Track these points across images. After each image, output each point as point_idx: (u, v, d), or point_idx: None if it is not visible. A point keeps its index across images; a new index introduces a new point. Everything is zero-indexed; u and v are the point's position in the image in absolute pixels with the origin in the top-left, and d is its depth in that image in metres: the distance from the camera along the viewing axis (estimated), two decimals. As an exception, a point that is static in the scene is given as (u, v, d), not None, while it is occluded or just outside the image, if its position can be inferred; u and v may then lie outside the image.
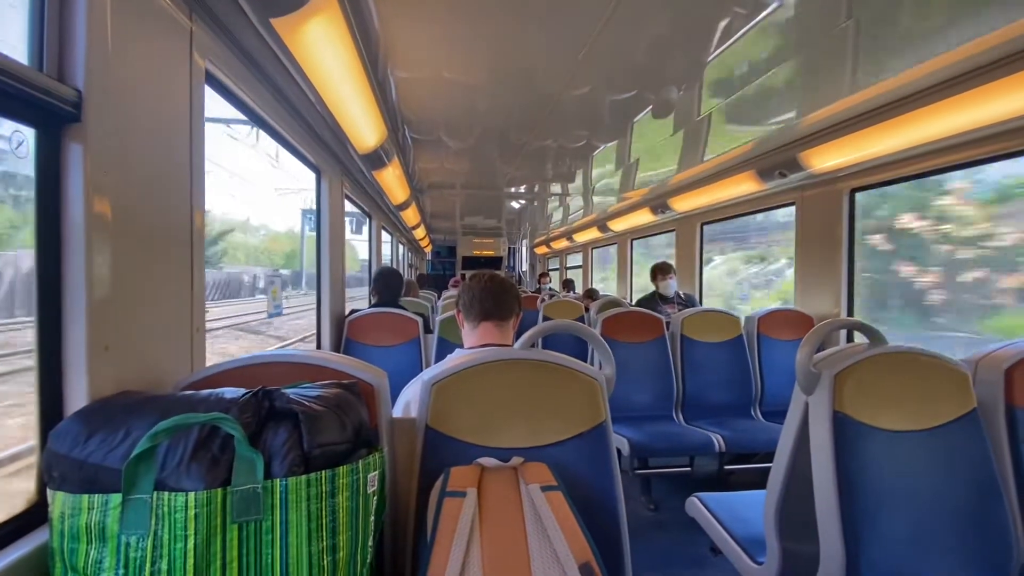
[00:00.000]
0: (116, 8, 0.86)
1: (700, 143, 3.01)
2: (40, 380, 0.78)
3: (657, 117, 2.84)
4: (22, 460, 3.38)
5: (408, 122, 2.87)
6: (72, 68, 0.79)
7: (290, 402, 0.73)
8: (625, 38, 1.81)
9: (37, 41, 0.78)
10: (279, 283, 16.70)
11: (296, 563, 0.65)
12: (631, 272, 5.86)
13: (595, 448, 1.03)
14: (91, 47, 0.80)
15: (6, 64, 0.68)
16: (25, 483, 0.82)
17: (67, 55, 0.79)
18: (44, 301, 0.78)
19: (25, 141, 0.76)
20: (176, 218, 1.06)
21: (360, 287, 7.55)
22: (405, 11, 1.61)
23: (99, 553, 0.63)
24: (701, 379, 2.77)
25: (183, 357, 1.08)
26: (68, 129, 0.79)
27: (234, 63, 1.35)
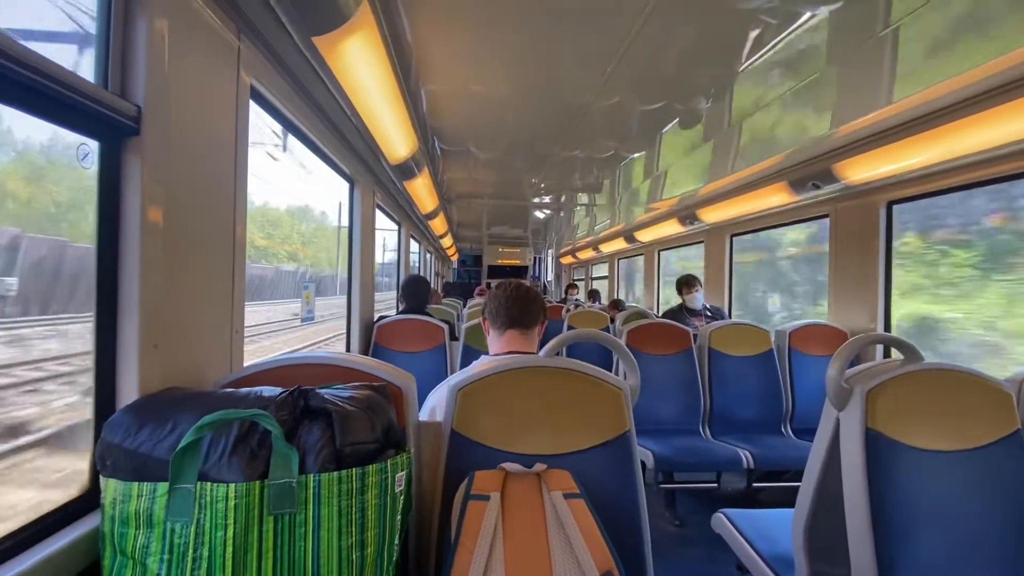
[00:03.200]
0: (173, 28, 0.92)
1: (730, 153, 2.98)
2: (96, 375, 0.84)
3: (686, 128, 2.83)
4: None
5: (437, 133, 2.94)
6: (133, 85, 0.86)
7: (324, 402, 0.77)
8: (655, 50, 1.82)
9: (102, 60, 0.85)
10: (312, 287, 17.06)
11: (327, 556, 0.68)
12: (658, 284, 5.80)
13: (618, 458, 1.04)
14: (150, 66, 0.87)
15: (76, 81, 0.74)
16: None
17: (129, 73, 0.86)
18: (101, 301, 0.84)
19: (90, 153, 0.82)
20: (220, 227, 1.12)
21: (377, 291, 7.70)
22: (437, 26, 1.66)
23: (146, 538, 0.67)
24: (729, 393, 2.71)
25: (223, 357, 1.13)
26: (128, 142, 0.85)
27: (276, 79, 1.42)
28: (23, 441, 3.04)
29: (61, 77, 0.71)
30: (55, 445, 2.82)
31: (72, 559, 0.74)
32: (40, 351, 4.86)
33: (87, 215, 0.85)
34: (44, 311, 5.46)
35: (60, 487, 2.20)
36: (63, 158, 4.19)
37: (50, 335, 5.32)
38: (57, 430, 3.03)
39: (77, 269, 5.58)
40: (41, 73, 0.68)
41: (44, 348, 4.97)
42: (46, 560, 0.70)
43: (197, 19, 1.02)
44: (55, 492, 0.80)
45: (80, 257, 6.85)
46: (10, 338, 5.72)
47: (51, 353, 4.64)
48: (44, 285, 5.46)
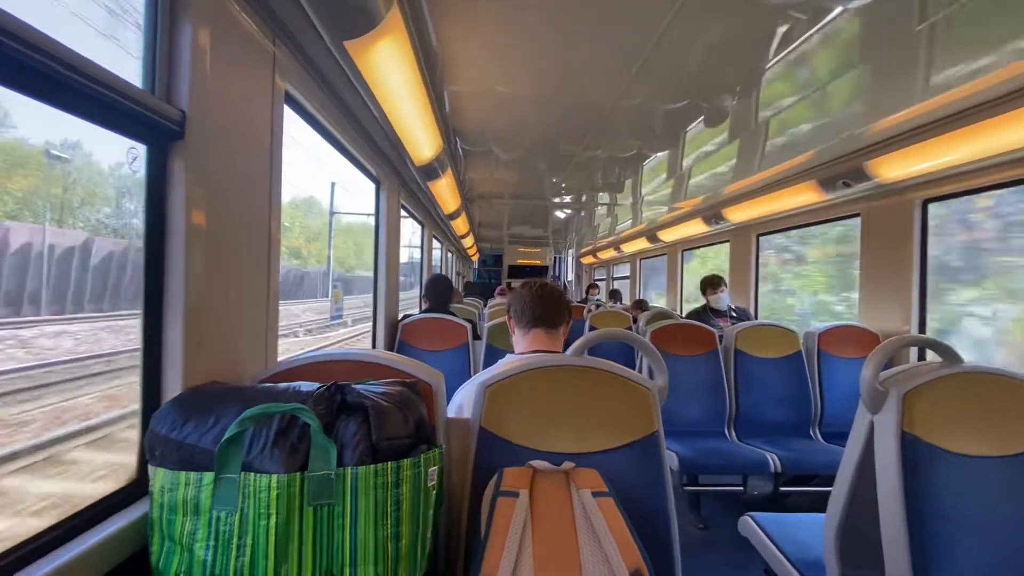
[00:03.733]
0: (214, 35, 0.96)
1: (756, 152, 2.93)
2: (143, 369, 0.88)
3: (710, 126, 2.79)
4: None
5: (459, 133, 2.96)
6: (178, 90, 0.89)
7: (360, 397, 0.79)
8: (680, 48, 1.80)
9: (149, 67, 0.89)
10: (341, 287, 17.30)
11: (364, 547, 0.70)
12: (681, 284, 5.73)
13: (646, 458, 1.03)
14: (194, 72, 0.90)
15: (127, 88, 0.78)
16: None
17: (174, 79, 0.89)
18: (148, 300, 0.88)
19: (139, 157, 0.86)
20: (256, 228, 1.16)
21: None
22: (462, 27, 1.68)
23: (193, 525, 0.69)
24: (756, 396, 2.67)
25: (259, 353, 1.17)
26: (173, 146, 0.89)
27: (309, 83, 1.46)
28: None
29: (114, 84, 0.74)
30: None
31: (123, 543, 0.77)
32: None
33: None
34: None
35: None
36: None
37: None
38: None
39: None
40: (96, 80, 0.71)
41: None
42: (100, 544, 0.74)
43: (236, 26, 1.05)
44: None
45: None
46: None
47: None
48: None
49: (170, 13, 0.89)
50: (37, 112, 11.11)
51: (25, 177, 10.67)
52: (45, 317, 8.06)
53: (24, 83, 0.65)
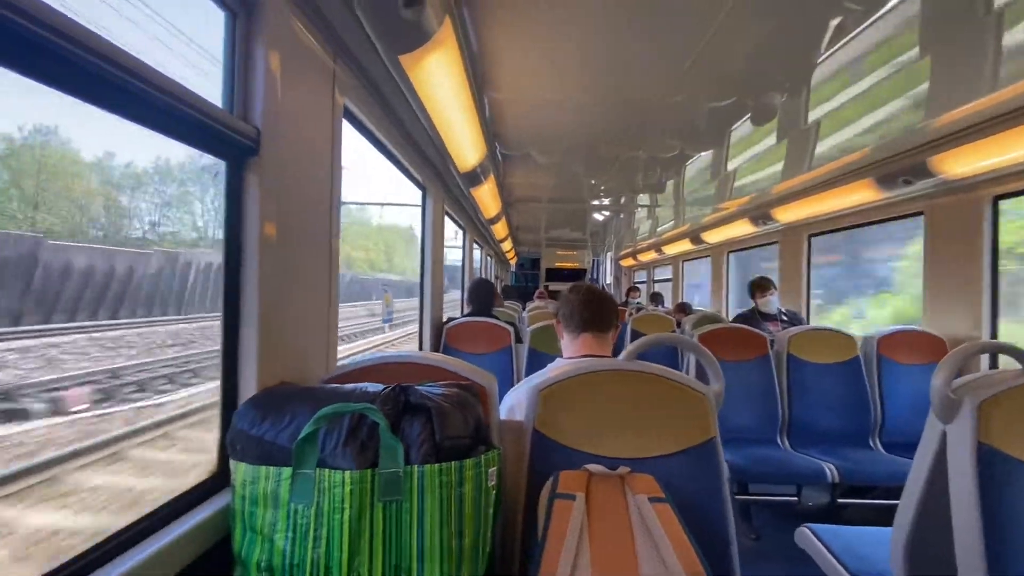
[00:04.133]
0: (283, 56, 1.02)
1: (807, 149, 2.83)
2: (223, 370, 0.94)
3: (758, 124, 2.71)
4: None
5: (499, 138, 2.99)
6: (253, 110, 0.96)
7: (423, 398, 0.82)
8: (729, 46, 1.77)
9: (228, 88, 0.96)
10: (390, 291, 18.15)
11: (430, 544, 0.73)
12: (727, 287, 5.57)
13: (703, 465, 1.02)
14: (267, 91, 0.97)
15: (211, 109, 0.84)
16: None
17: (249, 98, 0.96)
18: (227, 306, 0.94)
19: (221, 171, 0.93)
20: (318, 238, 1.22)
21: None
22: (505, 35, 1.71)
23: (273, 516, 0.74)
24: (810, 403, 2.57)
25: (321, 355, 1.23)
26: (249, 161, 0.95)
27: (365, 97, 1.52)
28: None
29: (202, 106, 0.81)
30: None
31: (208, 532, 0.83)
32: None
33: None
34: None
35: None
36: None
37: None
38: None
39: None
40: (187, 103, 0.78)
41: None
42: (189, 531, 0.80)
43: (301, 46, 1.12)
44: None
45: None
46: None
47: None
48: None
49: (246, 39, 0.95)
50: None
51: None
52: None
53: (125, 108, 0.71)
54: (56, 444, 4.61)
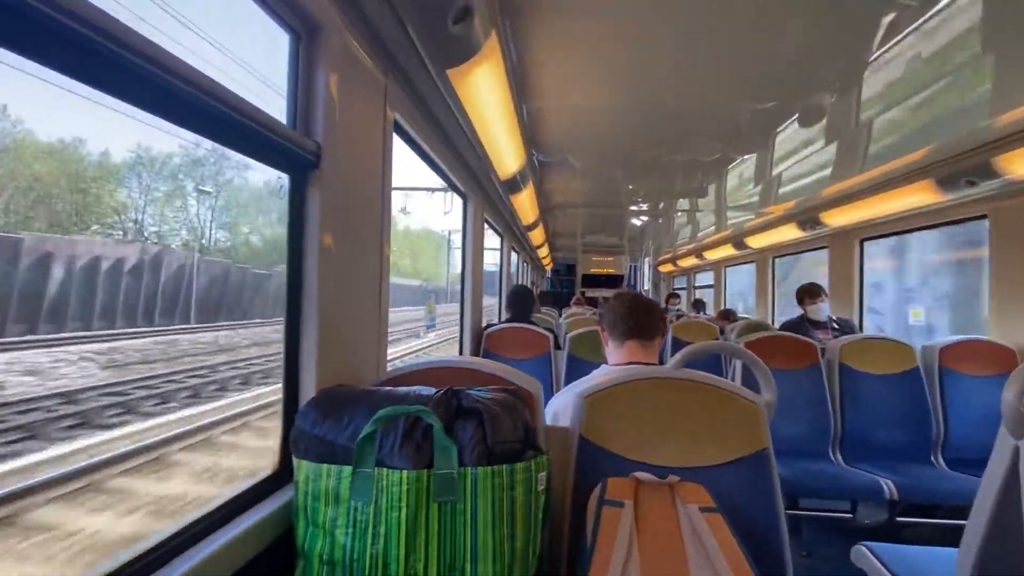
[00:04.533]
0: (341, 74, 1.08)
1: (859, 151, 2.72)
2: (285, 371, 1.00)
3: (805, 125, 2.63)
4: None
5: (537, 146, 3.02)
6: (314, 126, 1.02)
7: (475, 402, 0.84)
8: (774, 48, 1.74)
9: (291, 105, 1.02)
10: (434, 297, 18.99)
11: (483, 545, 0.75)
12: (772, 293, 5.39)
13: (755, 476, 1.00)
14: (326, 108, 1.02)
15: (278, 126, 0.90)
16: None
17: (311, 116, 1.02)
18: (290, 312, 1.00)
19: (284, 185, 0.99)
20: (370, 248, 1.27)
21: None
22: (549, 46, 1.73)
23: (334, 512, 0.78)
24: (865, 415, 2.45)
25: (372, 360, 1.28)
26: (310, 175, 1.01)
27: (413, 111, 1.57)
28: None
29: (270, 123, 0.86)
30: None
31: (271, 525, 0.88)
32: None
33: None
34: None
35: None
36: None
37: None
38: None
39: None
40: (257, 121, 0.83)
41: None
42: (254, 525, 0.84)
43: (356, 64, 1.17)
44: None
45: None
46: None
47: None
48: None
49: (308, 59, 1.01)
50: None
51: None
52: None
53: (205, 127, 0.77)
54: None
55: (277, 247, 16.16)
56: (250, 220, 22.50)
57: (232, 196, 21.87)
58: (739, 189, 3.80)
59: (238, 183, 22.73)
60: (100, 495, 4.03)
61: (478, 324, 2.93)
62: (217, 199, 21.58)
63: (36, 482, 3.79)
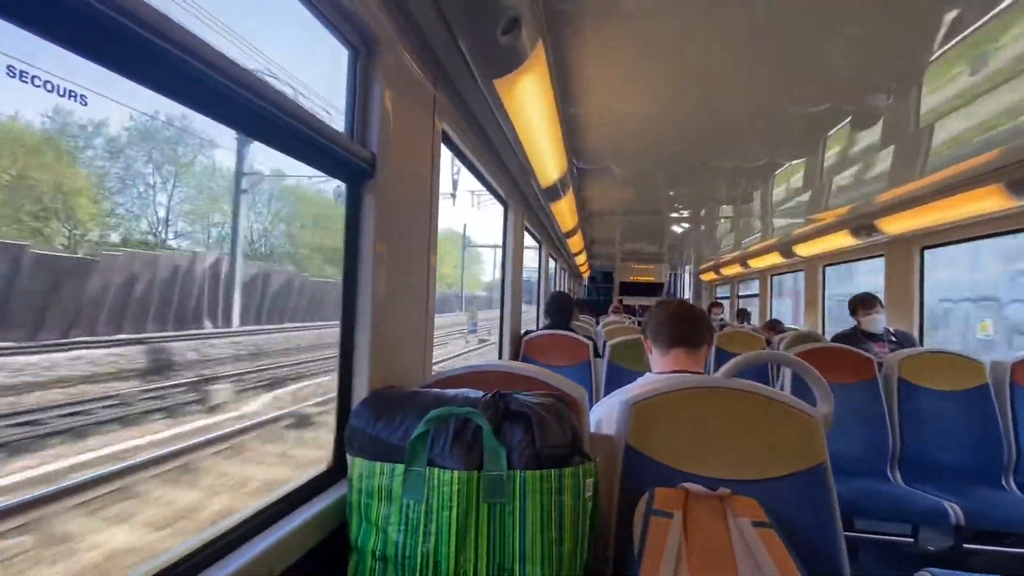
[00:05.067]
0: (394, 87, 1.12)
1: (918, 154, 2.58)
2: (339, 372, 1.04)
3: (859, 129, 2.52)
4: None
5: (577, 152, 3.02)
6: (370, 136, 1.06)
7: (522, 406, 0.85)
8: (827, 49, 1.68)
9: (349, 117, 1.07)
10: (475, 304, 19.92)
11: (532, 547, 0.75)
12: (823, 303, 5.16)
13: (811, 492, 0.96)
14: (381, 120, 1.06)
15: (336, 136, 0.94)
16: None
17: (367, 127, 1.06)
18: (345, 314, 1.04)
19: (342, 193, 1.03)
20: (418, 254, 1.31)
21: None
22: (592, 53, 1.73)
23: (387, 510, 0.80)
24: (927, 433, 2.30)
25: (419, 363, 1.31)
26: (366, 184, 1.05)
27: (459, 121, 1.61)
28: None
29: (331, 134, 0.91)
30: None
31: (325, 520, 0.91)
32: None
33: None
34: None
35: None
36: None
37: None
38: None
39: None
40: (318, 131, 0.88)
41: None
42: (309, 520, 0.88)
43: (409, 76, 1.22)
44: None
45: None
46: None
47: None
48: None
49: (365, 73, 1.06)
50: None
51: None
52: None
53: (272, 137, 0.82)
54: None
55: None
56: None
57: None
58: (786, 195, 3.68)
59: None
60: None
61: (517, 330, 2.94)
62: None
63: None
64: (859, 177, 3.02)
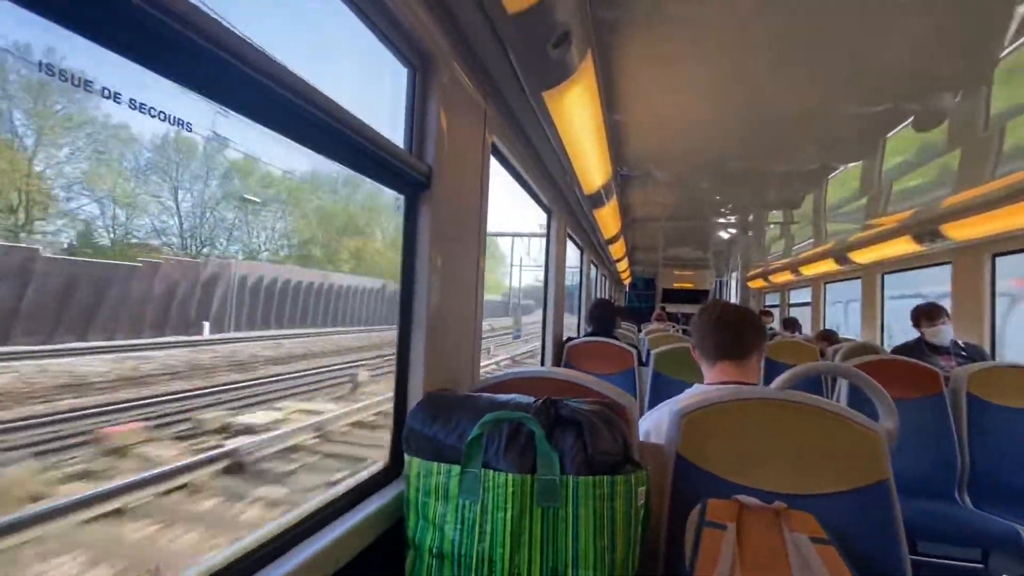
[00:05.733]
0: (448, 102, 1.17)
1: (988, 156, 2.43)
2: (396, 374, 1.09)
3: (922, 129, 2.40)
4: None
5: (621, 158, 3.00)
6: (426, 150, 1.11)
7: (573, 412, 0.86)
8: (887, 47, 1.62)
9: (408, 131, 1.12)
10: (520, 311, 20.73)
11: (585, 552, 0.76)
12: (882, 313, 4.89)
13: (873, 510, 0.93)
14: (437, 134, 1.11)
15: (396, 150, 0.99)
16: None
17: (424, 141, 1.11)
18: (402, 319, 1.09)
19: (401, 204, 1.09)
20: (468, 264, 1.35)
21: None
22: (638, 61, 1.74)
23: (443, 509, 0.83)
24: (999, 453, 2.15)
25: (468, 368, 1.35)
26: (422, 195, 1.10)
27: (507, 132, 1.65)
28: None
29: (391, 148, 0.96)
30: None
31: (383, 517, 0.95)
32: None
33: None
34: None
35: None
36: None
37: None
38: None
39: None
40: (380, 146, 0.93)
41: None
42: (368, 516, 0.92)
43: (462, 91, 1.26)
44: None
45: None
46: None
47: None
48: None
49: (423, 89, 1.12)
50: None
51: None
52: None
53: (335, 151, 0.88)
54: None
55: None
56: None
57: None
58: (842, 200, 3.52)
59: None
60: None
61: (559, 336, 2.94)
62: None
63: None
64: (922, 180, 2.87)
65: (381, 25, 1.00)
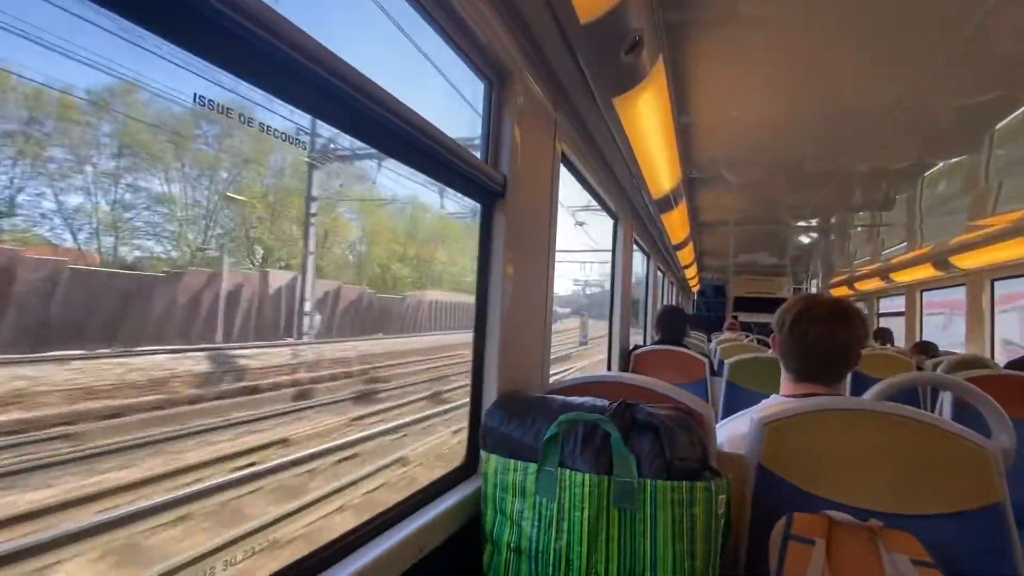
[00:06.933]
0: (521, 113, 1.20)
1: None
2: (472, 375, 1.13)
3: None
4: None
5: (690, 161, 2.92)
6: (501, 160, 1.16)
7: (649, 416, 0.86)
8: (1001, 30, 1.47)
9: (484, 142, 1.17)
10: (586, 316, 20.81)
11: (663, 557, 0.76)
12: (992, 323, 4.39)
13: (986, 535, 0.85)
14: (512, 145, 1.15)
15: (474, 160, 1.04)
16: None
17: (500, 151, 1.16)
18: (478, 323, 1.13)
19: (477, 212, 1.14)
20: (539, 270, 1.38)
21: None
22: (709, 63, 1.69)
23: (521, 505, 0.86)
24: None
25: (538, 370, 1.37)
26: (498, 204, 1.14)
27: (577, 140, 1.68)
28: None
29: (470, 159, 1.01)
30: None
31: (461, 511, 1.00)
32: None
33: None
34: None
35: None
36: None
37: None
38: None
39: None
40: (460, 157, 0.98)
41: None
42: (448, 510, 0.97)
43: (534, 102, 1.30)
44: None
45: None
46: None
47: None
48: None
49: (498, 101, 1.16)
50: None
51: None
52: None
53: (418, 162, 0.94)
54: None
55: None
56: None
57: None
58: (941, 199, 3.21)
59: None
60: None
61: (625, 344, 2.90)
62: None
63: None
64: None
65: (461, 43, 1.05)
